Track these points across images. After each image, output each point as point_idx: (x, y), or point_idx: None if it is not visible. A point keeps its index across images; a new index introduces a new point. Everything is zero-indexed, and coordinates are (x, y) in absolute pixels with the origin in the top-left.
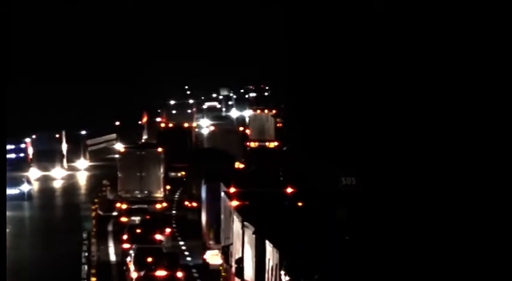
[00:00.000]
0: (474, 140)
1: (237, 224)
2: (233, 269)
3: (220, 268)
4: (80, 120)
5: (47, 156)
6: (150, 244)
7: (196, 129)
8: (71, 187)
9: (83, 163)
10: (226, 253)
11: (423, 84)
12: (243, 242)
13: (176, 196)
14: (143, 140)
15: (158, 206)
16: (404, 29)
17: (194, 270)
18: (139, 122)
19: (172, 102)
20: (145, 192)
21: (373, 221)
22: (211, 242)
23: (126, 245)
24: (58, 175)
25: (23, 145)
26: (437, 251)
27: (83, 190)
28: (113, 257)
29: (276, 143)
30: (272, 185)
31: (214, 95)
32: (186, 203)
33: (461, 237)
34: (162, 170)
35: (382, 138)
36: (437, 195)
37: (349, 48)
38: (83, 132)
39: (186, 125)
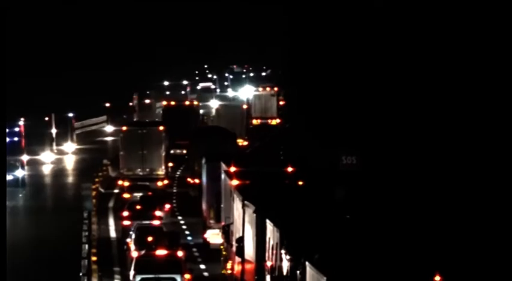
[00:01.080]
0: (472, 121)
1: (237, 204)
2: (234, 248)
3: (221, 247)
4: (71, 105)
5: (36, 139)
6: (150, 220)
7: None
8: (63, 169)
9: (70, 146)
10: (226, 232)
11: (422, 72)
12: (243, 221)
13: (178, 173)
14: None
15: (160, 183)
16: (403, 26)
17: (195, 249)
18: (130, 104)
19: (166, 83)
20: (147, 170)
21: (373, 200)
22: (211, 221)
23: (126, 222)
24: (47, 158)
25: (16, 129)
26: (438, 230)
27: (77, 172)
28: (113, 234)
29: (278, 121)
30: (273, 164)
31: (209, 76)
32: (189, 179)
33: (460, 216)
34: (163, 148)
35: (383, 119)
36: (439, 175)
37: (348, 32)
38: (70, 114)
39: (188, 103)
